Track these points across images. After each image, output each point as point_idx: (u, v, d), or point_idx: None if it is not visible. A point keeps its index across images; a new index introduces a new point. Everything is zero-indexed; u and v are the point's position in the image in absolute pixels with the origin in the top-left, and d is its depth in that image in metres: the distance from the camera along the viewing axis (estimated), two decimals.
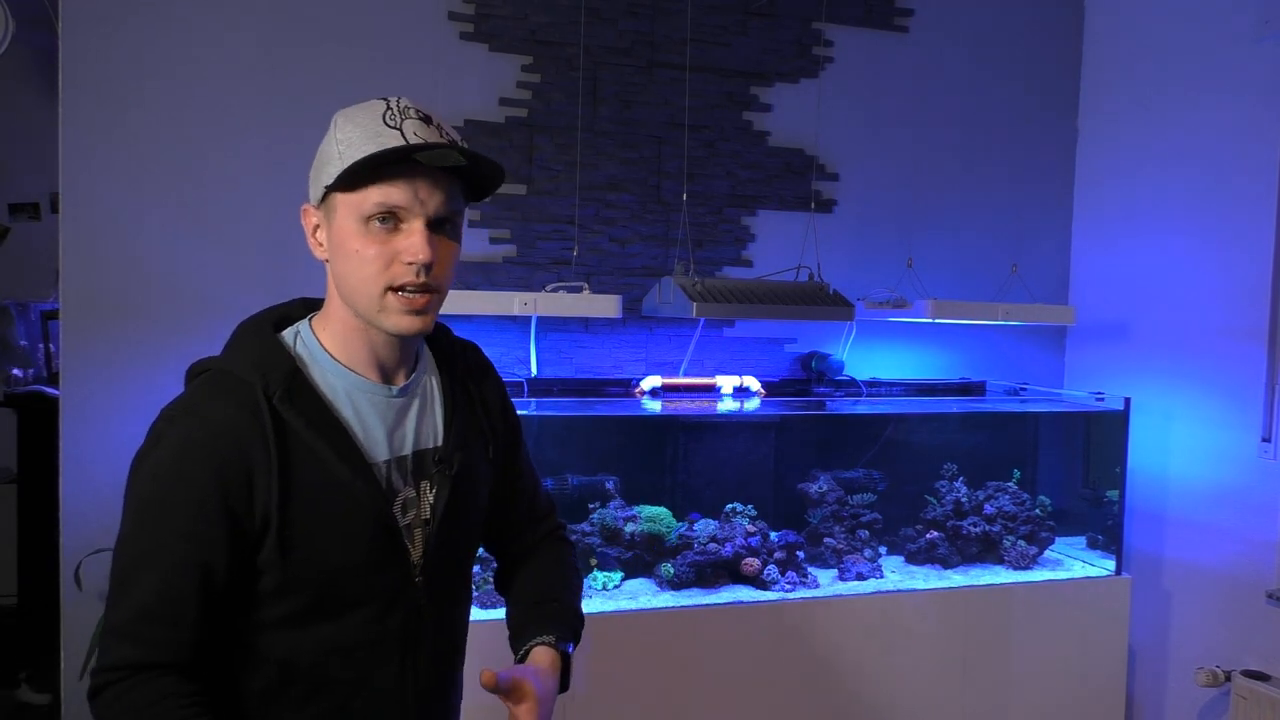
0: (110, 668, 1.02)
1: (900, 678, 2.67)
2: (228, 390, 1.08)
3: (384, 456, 1.14)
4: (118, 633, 1.03)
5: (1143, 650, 3.06)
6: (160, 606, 1.02)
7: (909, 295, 2.99)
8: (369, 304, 1.09)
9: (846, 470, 2.97)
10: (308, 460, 1.07)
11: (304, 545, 1.07)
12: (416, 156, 1.05)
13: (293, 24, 2.60)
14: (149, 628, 1.02)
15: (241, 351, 1.12)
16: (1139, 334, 3.12)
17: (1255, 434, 2.72)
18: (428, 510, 1.17)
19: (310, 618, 1.09)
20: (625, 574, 2.64)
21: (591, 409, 2.75)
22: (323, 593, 1.09)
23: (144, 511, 1.06)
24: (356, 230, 1.07)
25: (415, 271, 1.06)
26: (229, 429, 1.05)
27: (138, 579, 1.04)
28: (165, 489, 1.05)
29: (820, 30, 3.06)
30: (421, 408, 1.20)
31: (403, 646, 1.15)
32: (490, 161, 1.11)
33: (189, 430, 1.06)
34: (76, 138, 2.45)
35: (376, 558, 1.12)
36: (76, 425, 2.48)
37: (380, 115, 1.08)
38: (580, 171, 2.82)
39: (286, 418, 1.07)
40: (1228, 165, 2.81)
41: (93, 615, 2.46)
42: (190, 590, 1.03)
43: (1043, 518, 3.01)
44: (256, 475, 1.05)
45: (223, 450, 1.04)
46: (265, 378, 1.08)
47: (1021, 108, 3.29)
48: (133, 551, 1.05)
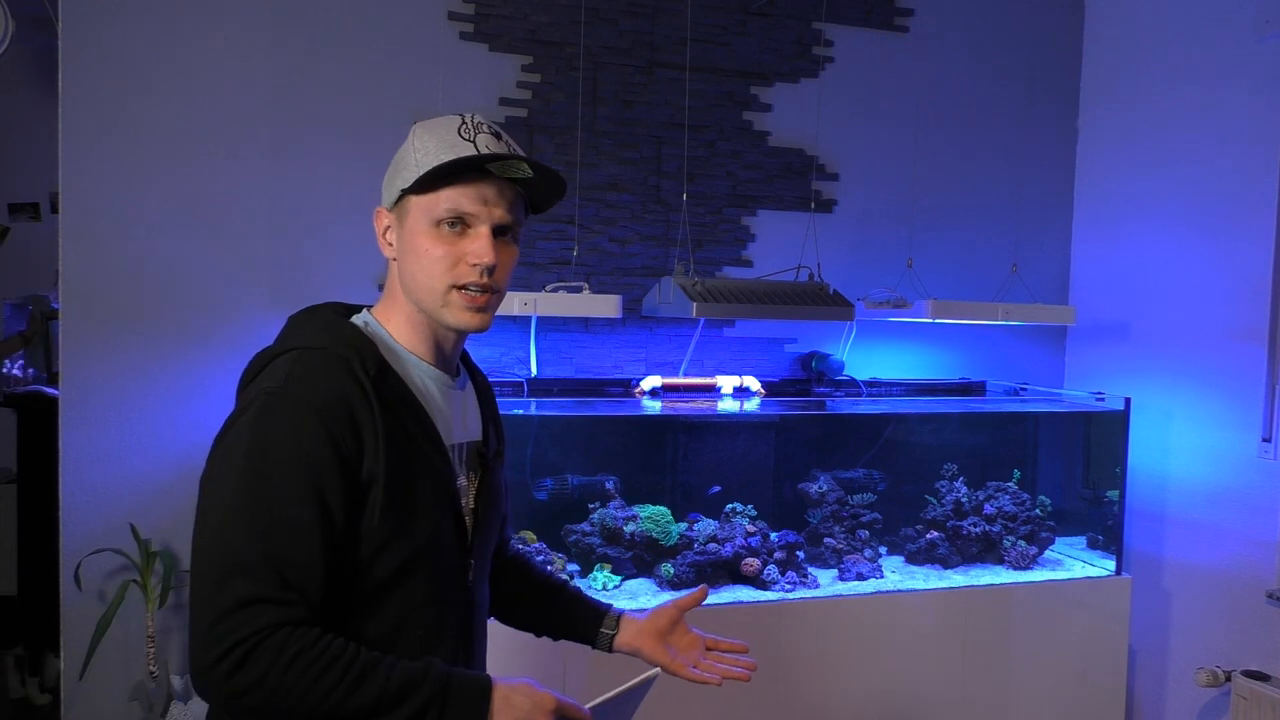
0: (257, 631, 1.01)
1: (900, 678, 2.67)
2: (328, 363, 1.12)
3: (450, 441, 1.22)
4: (255, 603, 1.02)
5: (1143, 650, 3.06)
6: (293, 571, 1.04)
7: (909, 295, 2.99)
8: (433, 299, 1.16)
9: (846, 470, 2.97)
10: (401, 434, 1.13)
11: (401, 511, 1.12)
12: (488, 166, 1.14)
13: (293, 24, 2.59)
14: (286, 592, 1.03)
15: (329, 333, 1.16)
16: (1139, 334, 3.12)
17: (1255, 434, 2.72)
18: (474, 500, 1.27)
19: (388, 593, 1.14)
20: (625, 574, 2.64)
21: (591, 409, 2.75)
22: (406, 564, 1.13)
23: (260, 482, 1.05)
24: (427, 232, 1.15)
25: (479, 273, 1.15)
26: (338, 394, 1.09)
27: (264, 550, 1.03)
28: (280, 457, 1.06)
29: (820, 30, 3.06)
30: (467, 402, 1.29)
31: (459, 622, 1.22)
32: (554, 174, 1.19)
33: (299, 397, 1.08)
34: (76, 138, 2.45)
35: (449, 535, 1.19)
36: (76, 425, 2.48)
37: (456, 128, 1.16)
38: (580, 171, 2.82)
39: (382, 391, 1.13)
40: (1228, 165, 2.81)
41: (93, 615, 2.47)
42: (315, 553, 1.05)
43: (1043, 518, 3.01)
44: (365, 436, 1.10)
45: (335, 411, 1.08)
46: (360, 355, 1.13)
47: (1021, 107, 3.29)
48: (253, 524, 1.04)
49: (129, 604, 2.48)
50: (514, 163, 1.14)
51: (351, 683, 1.03)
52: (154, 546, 2.50)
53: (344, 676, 1.03)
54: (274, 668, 1.01)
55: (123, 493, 2.51)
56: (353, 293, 2.74)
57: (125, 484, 2.51)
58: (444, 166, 1.12)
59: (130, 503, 2.51)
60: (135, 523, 2.50)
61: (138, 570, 2.49)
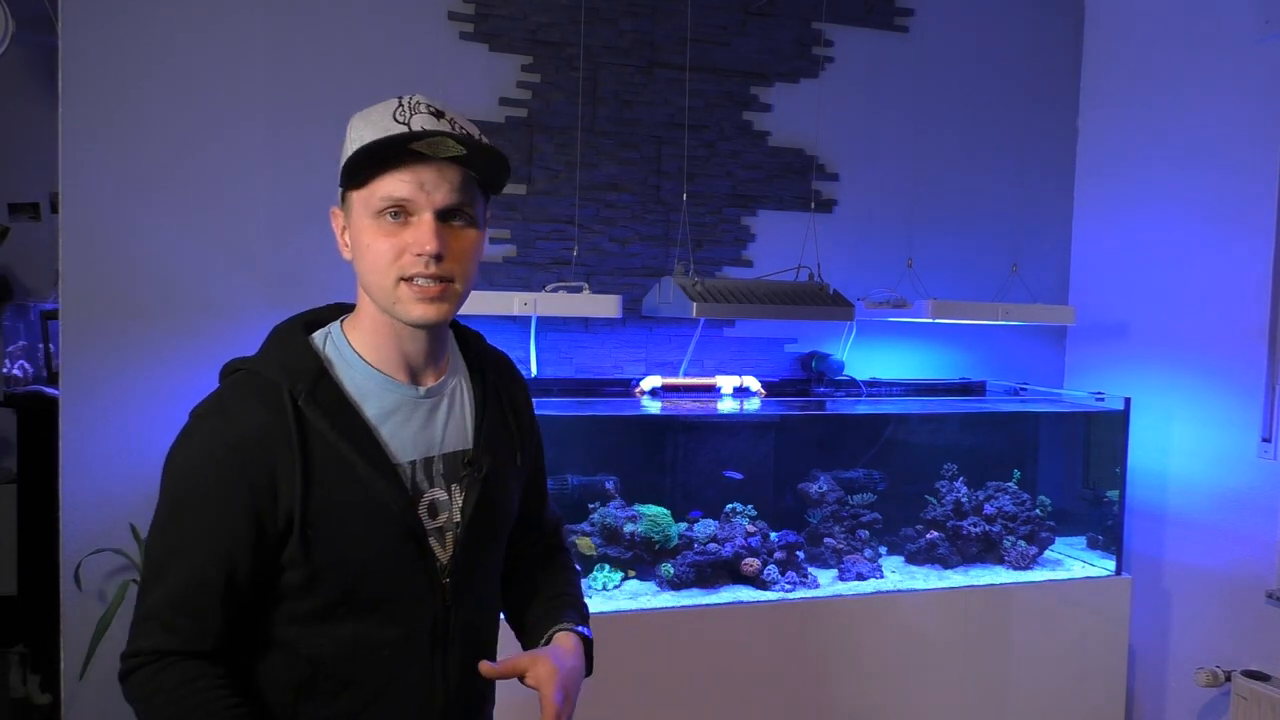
0: (141, 652, 1.06)
1: (900, 678, 2.67)
2: (255, 390, 1.11)
3: (409, 457, 1.15)
4: (150, 619, 1.07)
5: (1143, 650, 3.06)
6: (188, 596, 1.06)
7: (909, 295, 2.99)
8: (385, 295, 1.11)
9: (846, 470, 2.97)
10: (331, 460, 1.09)
11: (327, 542, 1.09)
12: (414, 146, 1.07)
13: (293, 24, 2.60)
14: (178, 616, 1.06)
15: (271, 353, 1.15)
16: (1139, 334, 3.11)
17: (1255, 434, 2.72)
18: (458, 513, 1.18)
19: (337, 614, 1.11)
20: (625, 574, 2.64)
21: (591, 409, 2.75)
22: (348, 589, 1.11)
23: (174, 505, 1.09)
24: (369, 225, 1.10)
25: (424, 263, 1.08)
26: (254, 429, 1.08)
27: (169, 568, 1.07)
28: (193, 485, 1.08)
29: (820, 30, 3.06)
30: (450, 410, 1.21)
31: (431, 645, 1.16)
32: (490, 149, 1.11)
33: (216, 428, 1.09)
34: (76, 138, 2.45)
35: (400, 556, 1.13)
36: (76, 425, 2.48)
37: (391, 112, 1.11)
38: (580, 171, 2.82)
39: (311, 418, 1.09)
40: (1228, 165, 2.81)
41: (93, 615, 2.47)
42: (215, 583, 1.06)
43: (1043, 518, 3.01)
44: (280, 474, 1.07)
45: (248, 450, 1.07)
46: (292, 378, 1.10)
47: (1021, 107, 3.29)
48: (164, 542, 1.09)
49: (129, 604, 2.48)
50: (442, 140, 1.07)
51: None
52: None
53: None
54: (138, 696, 1.06)
55: (123, 493, 2.51)
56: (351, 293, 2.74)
57: (125, 484, 2.51)
58: (365, 148, 1.07)
59: (130, 503, 2.51)
60: (135, 523, 2.50)
61: (138, 570, 2.49)
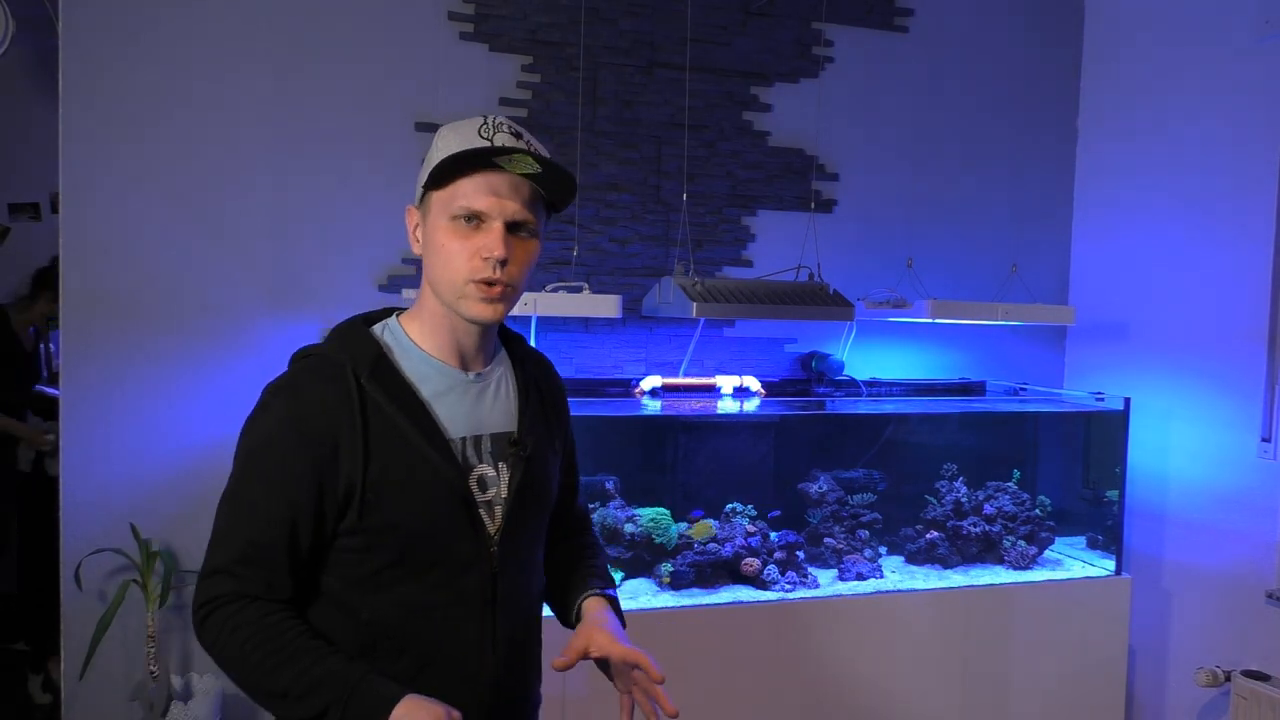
0: (219, 596, 1.17)
1: (900, 678, 2.67)
2: (322, 370, 1.23)
3: (460, 434, 1.27)
4: (220, 573, 1.18)
5: (1143, 650, 3.06)
6: (254, 552, 1.17)
7: (909, 295, 2.99)
8: (452, 291, 1.23)
9: (846, 470, 2.97)
10: (390, 433, 1.21)
11: (385, 508, 1.19)
12: (495, 160, 1.19)
13: (293, 24, 2.59)
14: (245, 568, 1.17)
15: (335, 340, 1.27)
16: (1139, 334, 3.12)
17: (1255, 434, 2.72)
18: (505, 488, 1.29)
19: (394, 577, 1.21)
20: (625, 574, 2.64)
21: (591, 409, 2.75)
22: (402, 553, 1.21)
23: (245, 471, 1.21)
24: (446, 226, 1.22)
25: (491, 266, 1.20)
26: (321, 404, 1.19)
27: (237, 528, 1.19)
28: (264, 454, 1.19)
29: (820, 30, 3.06)
30: (496, 395, 1.33)
31: (481, 607, 1.26)
32: (563, 171, 1.24)
33: (287, 403, 1.20)
34: (76, 138, 2.45)
35: (451, 522, 1.23)
36: (76, 425, 2.48)
37: (477, 128, 1.22)
38: (580, 171, 2.82)
39: (372, 394, 1.21)
40: (1228, 165, 2.81)
41: (93, 615, 2.47)
42: (279, 542, 1.18)
43: (1043, 518, 3.01)
44: (343, 445, 1.19)
45: (315, 421, 1.19)
46: (355, 360, 1.23)
47: (1021, 107, 3.29)
48: (234, 503, 1.20)
49: (129, 604, 2.48)
50: (520, 157, 1.19)
51: (272, 667, 1.13)
52: (154, 546, 2.50)
53: (267, 659, 1.14)
54: (220, 635, 1.16)
55: (123, 493, 2.51)
56: (351, 293, 2.75)
57: (125, 484, 2.52)
58: (452, 157, 1.18)
59: (130, 503, 2.51)
60: (135, 523, 2.50)
61: (138, 570, 2.49)
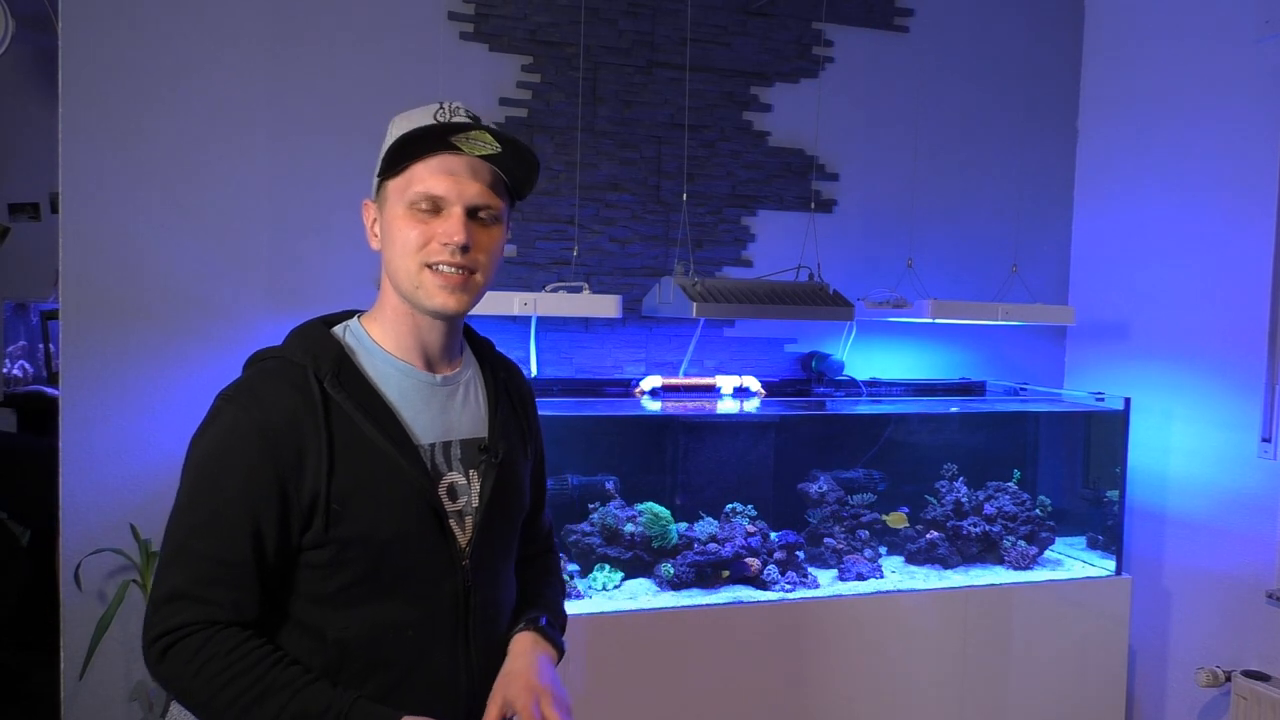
0: (182, 625, 1.06)
1: (900, 678, 2.67)
2: (281, 373, 1.16)
3: (429, 440, 1.20)
4: (181, 596, 1.07)
5: (1143, 650, 3.06)
6: (220, 570, 1.08)
7: (909, 295, 2.99)
8: (409, 281, 1.17)
9: (846, 470, 2.97)
10: (355, 438, 1.14)
11: (352, 520, 1.12)
12: (452, 139, 1.14)
13: (293, 23, 2.59)
14: (210, 589, 1.07)
15: (294, 342, 1.21)
16: (1139, 334, 3.12)
17: (1255, 434, 2.72)
18: (476, 498, 1.23)
19: (361, 594, 1.14)
20: (625, 574, 2.64)
21: (591, 409, 2.75)
22: (371, 567, 1.14)
23: (200, 486, 1.11)
24: (402, 215, 1.16)
25: (451, 251, 1.14)
26: (282, 410, 1.12)
27: (196, 545, 1.09)
28: (221, 463, 1.11)
29: (820, 30, 3.06)
30: (465, 399, 1.26)
31: (454, 626, 1.20)
32: (525, 148, 1.19)
33: (245, 407, 1.13)
34: (76, 138, 2.45)
35: (422, 535, 1.17)
36: (76, 425, 2.48)
37: (433, 112, 1.18)
38: (580, 171, 2.82)
39: (336, 398, 1.14)
40: (1228, 165, 2.81)
41: (93, 615, 2.47)
42: (246, 561, 1.09)
43: (1043, 518, 3.01)
44: (307, 450, 1.11)
45: (277, 430, 1.11)
46: (316, 361, 1.16)
47: (1021, 107, 3.29)
48: (190, 521, 1.10)
49: (129, 604, 2.48)
50: (478, 134, 1.14)
51: (250, 701, 1.05)
52: (154, 547, 2.50)
53: (245, 693, 1.05)
54: (186, 669, 1.06)
55: (123, 493, 2.51)
56: (351, 293, 2.75)
57: (125, 484, 2.51)
58: (405, 137, 1.13)
59: (130, 503, 2.51)
60: (135, 523, 2.50)
61: (138, 570, 2.49)
